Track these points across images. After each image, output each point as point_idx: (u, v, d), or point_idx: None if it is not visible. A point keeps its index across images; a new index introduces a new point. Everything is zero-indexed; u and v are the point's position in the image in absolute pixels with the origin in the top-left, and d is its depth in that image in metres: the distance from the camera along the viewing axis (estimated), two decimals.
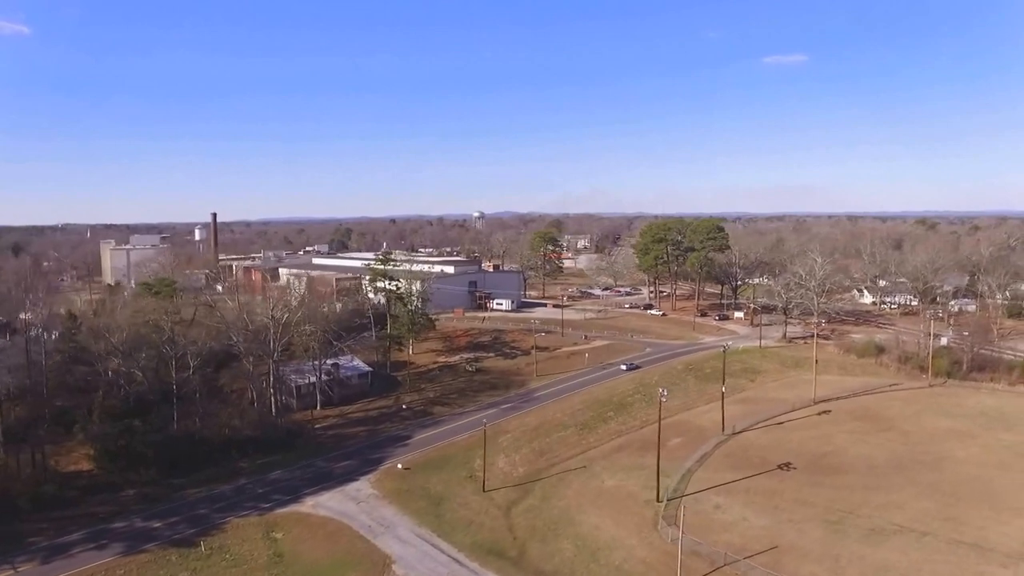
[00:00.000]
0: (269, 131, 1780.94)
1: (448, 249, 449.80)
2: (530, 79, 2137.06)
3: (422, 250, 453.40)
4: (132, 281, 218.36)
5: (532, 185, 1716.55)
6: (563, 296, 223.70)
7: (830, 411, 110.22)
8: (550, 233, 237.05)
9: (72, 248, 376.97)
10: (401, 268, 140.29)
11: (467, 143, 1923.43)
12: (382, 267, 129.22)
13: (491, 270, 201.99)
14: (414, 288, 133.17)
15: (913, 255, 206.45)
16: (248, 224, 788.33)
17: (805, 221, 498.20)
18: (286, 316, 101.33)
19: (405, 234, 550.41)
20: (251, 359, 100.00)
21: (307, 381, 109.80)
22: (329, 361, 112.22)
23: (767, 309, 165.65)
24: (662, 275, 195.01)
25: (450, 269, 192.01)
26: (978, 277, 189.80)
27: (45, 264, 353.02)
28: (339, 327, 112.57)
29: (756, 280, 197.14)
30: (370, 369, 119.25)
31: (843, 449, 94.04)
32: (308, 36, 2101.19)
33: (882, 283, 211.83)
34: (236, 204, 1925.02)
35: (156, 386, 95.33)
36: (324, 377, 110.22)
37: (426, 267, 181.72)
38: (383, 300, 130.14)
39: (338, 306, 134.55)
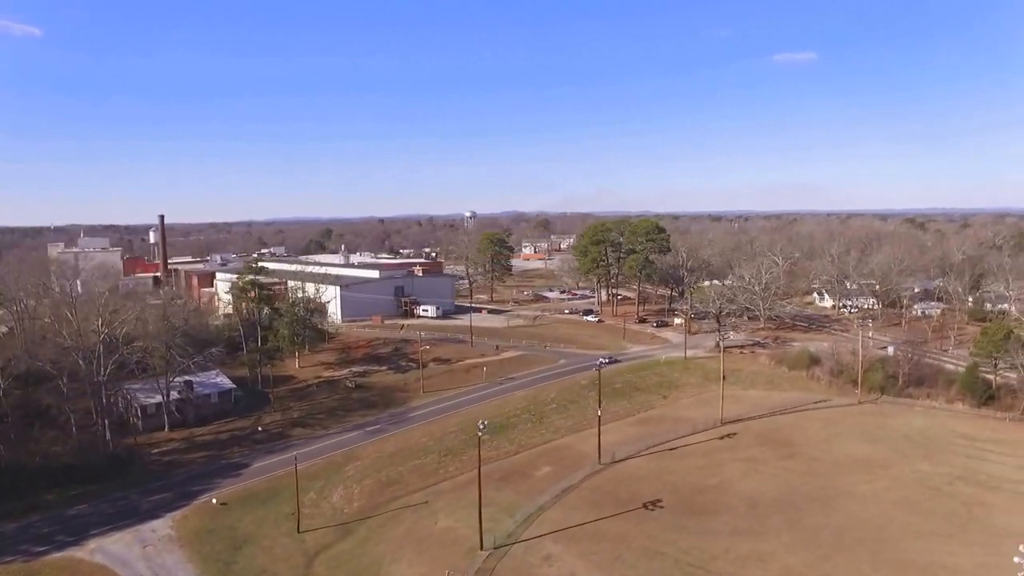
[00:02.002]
0: (270, 131, 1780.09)
1: (427, 250, 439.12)
2: (530, 79, 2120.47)
3: (402, 251, 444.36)
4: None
5: (534, 185, 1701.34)
6: (511, 300, 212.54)
7: (735, 434, 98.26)
8: (498, 235, 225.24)
9: None
10: (290, 271, 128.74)
11: (467, 143, 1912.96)
12: (250, 276, 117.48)
13: (420, 274, 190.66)
14: (299, 296, 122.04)
15: (876, 255, 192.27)
16: (249, 224, 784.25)
17: (798, 219, 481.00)
18: (104, 333, 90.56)
19: (389, 234, 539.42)
20: (65, 379, 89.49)
21: (156, 400, 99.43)
22: (181, 378, 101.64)
23: (701, 316, 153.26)
24: (602, 278, 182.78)
25: (374, 274, 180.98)
26: (944, 279, 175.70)
27: None
28: (188, 341, 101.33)
29: (707, 283, 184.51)
30: (233, 386, 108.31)
31: (729, 482, 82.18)
32: (308, 36, 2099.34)
33: (851, 286, 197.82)
34: (237, 204, 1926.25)
35: None
36: (174, 396, 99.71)
37: (336, 272, 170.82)
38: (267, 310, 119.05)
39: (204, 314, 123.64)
